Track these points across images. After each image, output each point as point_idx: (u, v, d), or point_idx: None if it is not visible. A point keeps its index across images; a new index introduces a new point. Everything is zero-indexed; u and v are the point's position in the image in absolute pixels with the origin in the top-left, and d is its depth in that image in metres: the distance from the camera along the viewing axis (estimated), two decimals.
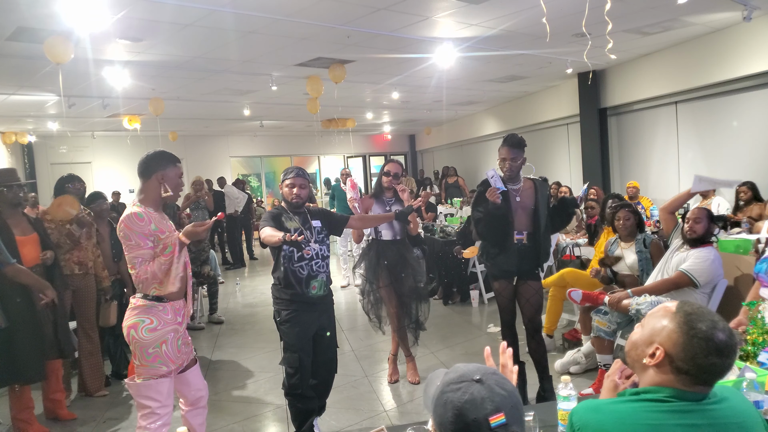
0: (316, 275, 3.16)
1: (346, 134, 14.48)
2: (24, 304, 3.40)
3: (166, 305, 2.59)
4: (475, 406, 1.12)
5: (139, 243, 2.48)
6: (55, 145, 12.78)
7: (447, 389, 1.17)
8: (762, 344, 2.46)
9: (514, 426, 1.14)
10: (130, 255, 2.49)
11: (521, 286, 3.60)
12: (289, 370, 3.15)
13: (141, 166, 2.63)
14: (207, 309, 6.46)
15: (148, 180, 2.60)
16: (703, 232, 3.63)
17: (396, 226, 4.17)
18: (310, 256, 3.14)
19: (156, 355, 2.53)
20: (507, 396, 1.15)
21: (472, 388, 1.15)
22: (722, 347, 1.32)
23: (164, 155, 2.66)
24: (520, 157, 3.50)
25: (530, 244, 3.52)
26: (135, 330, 2.52)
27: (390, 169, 4.20)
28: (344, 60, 6.96)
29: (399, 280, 4.17)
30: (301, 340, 3.14)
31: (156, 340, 2.53)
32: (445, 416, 1.14)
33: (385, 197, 4.21)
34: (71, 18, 4.63)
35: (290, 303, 3.15)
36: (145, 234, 2.49)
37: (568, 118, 10.10)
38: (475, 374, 1.17)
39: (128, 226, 2.48)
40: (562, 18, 5.54)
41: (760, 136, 6.83)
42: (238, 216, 10.47)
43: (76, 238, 4.03)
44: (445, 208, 11.06)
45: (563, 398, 1.89)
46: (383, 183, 4.20)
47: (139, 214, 2.50)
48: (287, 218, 3.17)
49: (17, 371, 3.36)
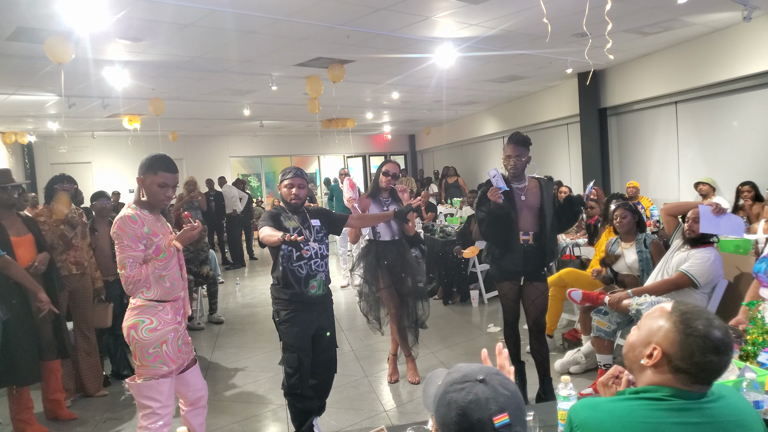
0: (315, 274, 3.16)
1: (346, 134, 14.48)
2: (20, 306, 3.39)
3: (166, 305, 2.59)
4: (479, 406, 1.13)
5: (130, 245, 2.48)
6: (55, 145, 12.78)
7: (450, 389, 1.17)
8: (762, 344, 2.46)
9: (518, 426, 1.14)
10: (122, 255, 2.49)
11: (527, 288, 3.57)
12: (288, 370, 3.15)
13: (139, 167, 2.65)
14: (207, 309, 6.46)
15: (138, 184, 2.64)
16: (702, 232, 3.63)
17: (394, 226, 4.17)
18: (309, 255, 3.14)
19: (156, 355, 2.53)
20: (510, 396, 1.16)
21: (476, 389, 1.15)
22: (719, 344, 1.33)
23: (151, 161, 2.59)
24: (525, 155, 3.48)
25: (536, 244, 3.50)
26: (135, 330, 2.52)
27: (388, 169, 4.20)
28: (344, 60, 6.96)
29: (399, 281, 4.17)
30: (300, 340, 3.14)
31: (156, 340, 2.53)
32: (449, 416, 1.15)
33: (382, 197, 4.21)
34: (71, 18, 4.63)
35: (289, 303, 3.15)
36: (137, 236, 2.50)
37: (568, 118, 10.10)
38: (478, 374, 1.17)
39: (121, 227, 2.49)
40: (562, 18, 5.54)
41: (760, 136, 6.83)
42: (238, 216, 10.48)
43: (69, 239, 4.03)
44: (445, 208, 11.06)
45: (563, 398, 1.90)
46: (381, 183, 4.20)
47: (132, 216, 2.51)
48: (286, 218, 3.17)
49: (13, 373, 3.36)
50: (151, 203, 2.62)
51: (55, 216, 4.04)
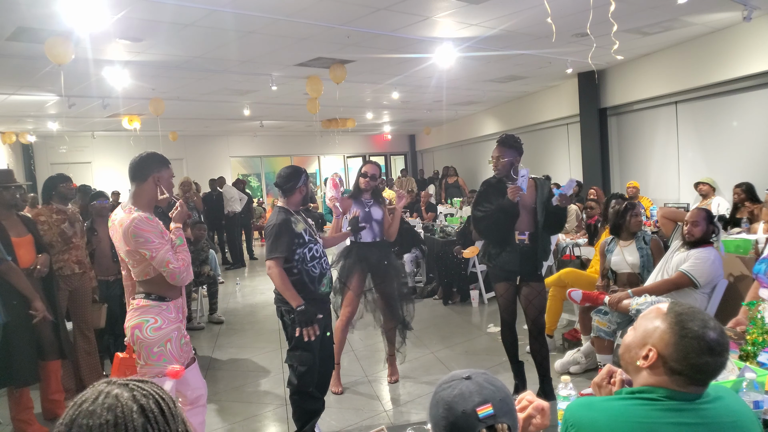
0: (325, 273, 3.20)
1: (346, 134, 14.48)
2: (21, 307, 3.39)
3: (170, 304, 2.60)
4: (463, 399, 1.18)
5: (161, 242, 2.49)
6: (55, 145, 12.78)
7: (439, 389, 1.23)
8: (762, 344, 2.46)
9: (503, 418, 1.18)
10: (159, 254, 2.47)
11: (524, 288, 3.57)
12: (301, 369, 3.12)
13: (135, 168, 2.58)
14: (207, 309, 6.46)
15: (143, 183, 2.57)
16: (701, 235, 3.65)
17: (375, 228, 4.11)
18: (320, 254, 3.18)
19: (161, 354, 2.53)
20: (495, 390, 1.20)
21: (461, 385, 1.21)
22: (714, 345, 1.33)
23: (158, 157, 2.64)
24: (509, 156, 3.49)
25: (532, 244, 3.51)
26: (140, 330, 2.51)
27: (367, 170, 4.14)
28: (344, 60, 6.96)
29: (383, 282, 4.13)
30: (315, 339, 3.13)
31: (161, 338, 2.53)
32: (438, 414, 1.20)
33: (363, 198, 4.15)
34: (71, 18, 4.63)
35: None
36: (161, 232, 2.52)
37: (568, 118, 10.10)
38: (464, 373, 1.24)
39: (143, 228, 2.46)
40: (563, 18, 5.54)
41: (760, 136, 6.82)
42: (237, 216, 10.47)
43: (68, 237, 4.03)
44: (445, 208, 11.06)
45: (563, 398, 1.89)
46: (361, 184, 4.15)
47: (148, 216, 2.51)
48: (295, 221, 3.16)
49: (12, 373, 3.37)
50: (150, 203, 2.59)
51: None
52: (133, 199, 2.58)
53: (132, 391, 0.92)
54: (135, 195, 2.58)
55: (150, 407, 0.91)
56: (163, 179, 2.61)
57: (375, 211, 4.12)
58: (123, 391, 0.91)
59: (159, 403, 0.93)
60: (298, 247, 3.09)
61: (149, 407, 0.90)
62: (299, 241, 3.11)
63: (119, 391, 0.91)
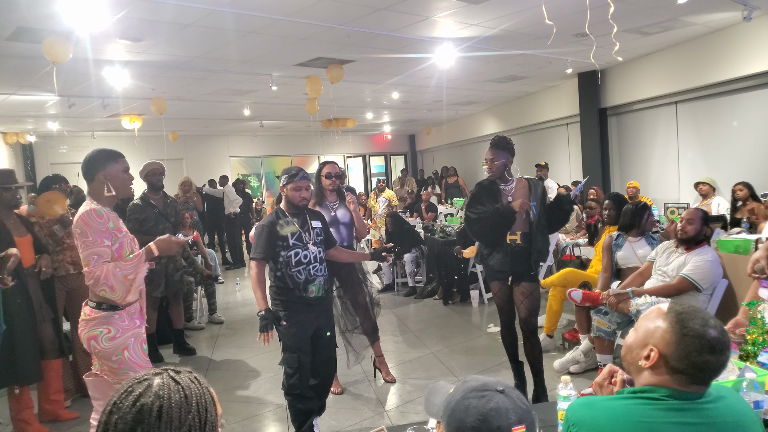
0: (313, 279, 3.15)
1: (346, 134, 14.47)
2: (24, 305, 3.40)
3: (122, 312, 2.55)
4: (499, 414, 1.19)
5: (95, 240, 2.43)
6: (55, 145, 12.77)
7: (470, 395, 1.23)
8: (762, 344, 2.46)
9: None
10: (86, 252, 2.43)
11: (516, 288, 3.55)
12: (288, 371, 3.15)
13: (83, 168, 2.57)
14: (206, 309, 6.46)
15: (92, 182, 2.56)
16: (694, 234, 3.65)
17: (343, 232, 4.00)
18: (308, 260, 3.14)
19: (120, 362, 2.51)
20: (527, 411, 1.22)
21: (496, 398, 1.21)
22: (715, 344, 1.33)
23: (103, 153, 2.60)
24: (501, 158, 3.48)
25: (524, 244, 3.49)
26: (95, 341, 2.48)
27: (330, 170, 4.01)
28: (344, 60, 6.96)
29: (354, 288, 4.09)
30: (299, 341, 3.14)
31: (117, 347, 2.50)
32: (467, 421, 1.19)
33: (327, 202, 4.02)
34: (71, 18, 4.63)
35: (288, 304, 3.15)
36: (103, 231, 2.46)
37: (568, 118, 10.10)
38: (497, 385, 1.24)
39: (86, 222, 2.44)
40: (563, 18, 5.54)
41: (759, 136, 6.82)
42: (237, 216, 10.47)
43: (59, 238, 4.01)
44: (445, 208, 11.06)
45: (563, 398, 1.89)
46: (326, 186, 3.99)
47: (98, 210, 2.47)
48: (284, 223, 3.14)
49: (16, 372, 3.36)
50: (117, 195, 2.57)
51: (49, 215, 4.01)
52: (90, 199, 2.57)
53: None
54: (89, 194, 2.58)
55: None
56: (110, 175, 2.56)
57: (341, 213, 4.02)
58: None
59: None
60: (282, 250, 3.09)
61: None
62: (283, 244, 3.10)
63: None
